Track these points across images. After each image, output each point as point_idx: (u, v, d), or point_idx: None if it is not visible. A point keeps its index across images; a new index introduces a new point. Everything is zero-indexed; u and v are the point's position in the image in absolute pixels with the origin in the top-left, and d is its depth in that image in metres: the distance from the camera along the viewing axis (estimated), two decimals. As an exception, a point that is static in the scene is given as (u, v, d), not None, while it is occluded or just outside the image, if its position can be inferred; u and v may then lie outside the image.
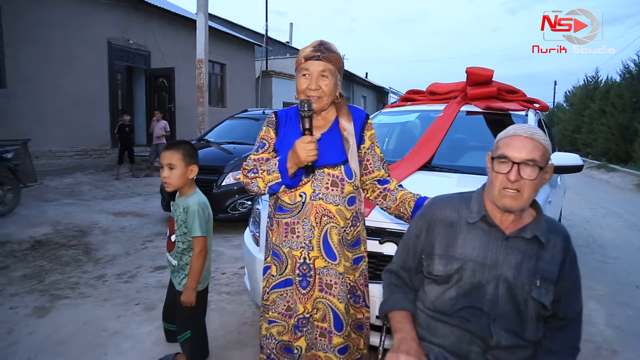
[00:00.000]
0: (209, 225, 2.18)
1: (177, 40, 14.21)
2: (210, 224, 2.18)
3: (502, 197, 1.36)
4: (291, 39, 27.52)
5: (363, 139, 1.88)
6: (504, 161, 1.35)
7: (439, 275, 1.46)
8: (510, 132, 1.39)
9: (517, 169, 1.33)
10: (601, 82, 26.49)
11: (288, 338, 1.79)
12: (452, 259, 1.44)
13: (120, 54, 12.33)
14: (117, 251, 4.79)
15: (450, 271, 1.44)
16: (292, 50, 25.07)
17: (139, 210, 7.04)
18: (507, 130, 1.41)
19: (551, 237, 1.42)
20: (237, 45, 17.94)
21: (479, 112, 3.69)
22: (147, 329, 2.98)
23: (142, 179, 10.56)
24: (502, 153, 1.36)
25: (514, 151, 1.34)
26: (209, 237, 2.17)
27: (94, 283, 3.82)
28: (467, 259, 1.42)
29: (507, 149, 1.35)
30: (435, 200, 1.59)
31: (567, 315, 1.42)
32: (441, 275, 1.45)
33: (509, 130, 1.41)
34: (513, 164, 1.33)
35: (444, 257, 1.46)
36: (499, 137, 1.43)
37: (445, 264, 1.45)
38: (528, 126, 1.40)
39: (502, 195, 1.36)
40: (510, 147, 1.35)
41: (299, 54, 1.80)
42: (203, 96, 11.07)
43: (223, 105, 17.16)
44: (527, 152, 1.33)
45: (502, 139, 1.40)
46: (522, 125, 1.41)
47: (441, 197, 1.59)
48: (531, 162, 1.32)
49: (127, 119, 10.66)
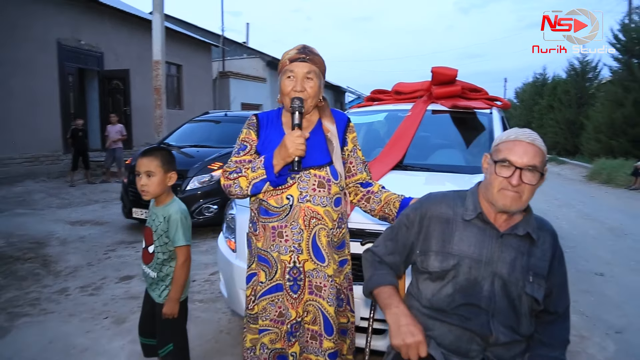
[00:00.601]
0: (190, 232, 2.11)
1: (131, 41, 13.78)
2: (191, 232, 2.11)
3: (502, 197, 1.37)
4: (248, 39, 27.21)
5: (346, 141, 1.88)
6: (506, 165, 1.36)
7: (434, 272, 1.47)
8: (512, 136, 1.40)
9: (519, 173, 1.35)
10: (549, 79, 27.71)
11: (281, 345, 1.74)
12: (449, 255, 1.45)
13: (71, 55, 11.83)
14: (78, 262, 4.58)
15: (447, 267, 1.45)
16: (249, 51, 24.79)
17: (97, 219, 6.76)
18: (509, 134, 1.42)
19: (541, 234, 1.45)
20: (193, 46, 17.58)
21: (445, 111, 3.75)
22: (120, 343, 2.86)
23: (98, 185, 10.17)
24: (504, 157, 1.37)
25: (517, 156, 1.35)
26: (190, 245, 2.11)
27: (56, 298, 3.63)
28: (464, 256, 1.44)
29: (510, 154, 1.37)
30: (430, 196, 1.59)
31: (557, 310, 1.46)
32: (437, 271, 1.46)
33: (510, 134, 1.42)
34: (515, 169, 1.35)
35: (440, 254, 1.47)
36: (499, 140, 1.44)
37: (442, 260, 1.46)
38: (529, 131, 1.42)
39: (501, 195, 1.38)
40: (513, 152, 1.36)
41: (282, 57, 1.78)
42: (160, 98, 10.76)
43: (180, 107, 16.78)
44: (529, 157, 1.35)
45: (504, 142, 1.41)
46: (523, 130, 1.43)
47: (436, 193, 1.59)
48: (532, 167, 1.35)
49: (80, 123, 10.24)
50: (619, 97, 15.56)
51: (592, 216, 7.62)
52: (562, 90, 22.60)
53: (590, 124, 17.42)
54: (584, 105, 20.92)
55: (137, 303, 3.50)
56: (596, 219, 7.00)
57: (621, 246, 5.67)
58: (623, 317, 3.44)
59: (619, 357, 2.87)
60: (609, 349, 2.94)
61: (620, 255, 5.21)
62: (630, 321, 3.39)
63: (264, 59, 23.20)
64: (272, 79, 23.66)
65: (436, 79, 3.97)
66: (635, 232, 6.47)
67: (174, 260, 2.07)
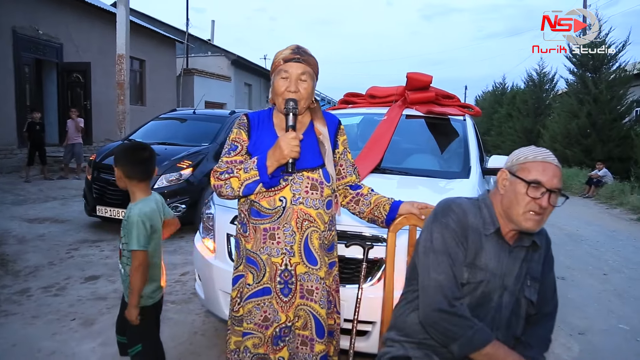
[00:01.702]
0: (155, 238, 2.03)
1: (93, 33, 13.32)
2: (156, 237, 2.04)
3: (527, 220, 1.37)
4: (213, 37, 26.79)
5: (337, 144, 1.88)
6: (537, 186, 1.36)
7: (463, 284, 1.43)
8: (540, 157, 1.39)
9: (549, 196, 1.35)
10: (508, 88, 28.68)
11: (264, 351, 1.71)
12: (477, 269, 1.44)
13: (28, 45, 11.31)
14: (39, 262, 4.38)
15: (474, 281, 1.42)
16: (214, 49, 24.43)
17: (57, 216, 6.49)
18: (535, 154, 1.41)
19: (539, 238, 1.49)
20: (157, 41, 17.19)
21: (419, 116, 3.81)
22: (90, 346, 2.75)
23: (55, 182, 9.75)
24: (536, 179, 1.36)
25: (548, 178, 1.36)
26: (154, 251, 2.04)
27: (17, 299, 3.46)
28: (487, 270, 1.44)
29: (542, 176, 1.36)
30: (457, 203, 1.50)
31: (544, 310, 1.51)
32: (465, 283, 1.43)
33: (536, 154, 1.40)
34: (546, 191, 1.35)
35: (470, 266, 1.44)
36: (524, 159, 1.41)
37: (470, 272, 1.43)
38: (550, 152, 1.42)
39: (527, 218, 1.37)
40: (545, 174, 1.36)
41: (275, 57, 1.76)
42: (124, 94, 10.47)
43: (142, 103, 16.36)
44: (558, 180, 1.37)
45: (533, 163, 1.39)
46: (545, 150, 1.42)
47: (460, 200, 1.51)
48: (558, 190, 1.37)
49: (37, 116, 9.79)
50: (574, 109, 16.25)
51: (550, 222, 7.77)
52: (520, 100, 23.43)
53: (547, 134, 18.11)
54: (541, 114, 21.76)
55: (106, 304, 3.39)
56: (554, 225, 7.27)
57: (579, 252, 5.93)
58: (585, 319, 3.60)
59: (583, 357, 2.99)
60: (574, 349, 3.06)
61: (579, 261, 5.45)
62: (591, 323, 3.55)
63: (229, 57, 22.94)
64: (237, 77, 23.40)
65: (410, 85, 4.03)
66: (591, 238, 6.78)
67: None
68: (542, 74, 22.51)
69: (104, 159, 5.87)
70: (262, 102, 27.42)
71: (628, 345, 3.24)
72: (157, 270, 2.09)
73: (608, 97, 15.31)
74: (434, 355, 1.47)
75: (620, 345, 3.24)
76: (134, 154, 2.09)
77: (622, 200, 10.30)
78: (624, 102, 15.67)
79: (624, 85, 15.56)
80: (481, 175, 3.22)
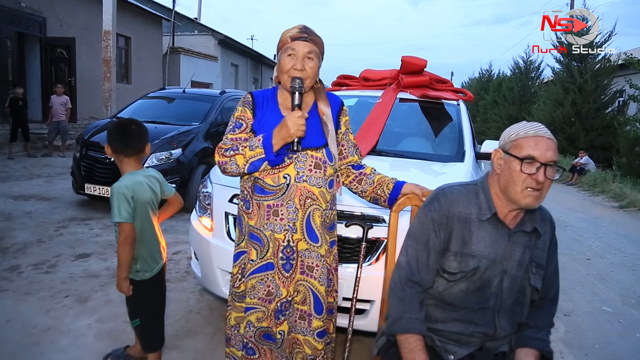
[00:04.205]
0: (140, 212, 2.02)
1: (78, 8, 13.00)
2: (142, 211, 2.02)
3: (526, 196, 1.36)
4: (200, 16, 26.33)
5: (339, 124, 1.89)
6: (531, 162, 1.35)
7: (453, 273, 1.45)
8: (531, 132, 1.38)
9: (544, 169, 1.35)
10: (494, 75, 28.82)
11: (267, 324, 1.74)
12: (469, 257, 1.44)
13: (9, 18, 11.00)
14: (27, 239, 4.33)
15: (466, 269, 1.44)
16: (201, 27, 24.01)
17: (42, 193, 6.40)
18: (526, 129, 1.40)
19: (543, 224, 1.49)
20: (143, 18, 16.83)
21: (412, 100, 3.83)
22: (85, 322, 2.74)
23: (39, 159, 9.58)
24: (529, 154, 1.35)
25: (541, 152, 1.34)
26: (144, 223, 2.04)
27: (7, 275, 3.42)
28: (482, 257, 1.44)
29: (535, 150, 1.35)
30: (445, 193, 1.52)
31: (548, 295, 1.53)
32: (456, 272, 1.45)
33: (527, 129, 1.40)
34: (541, 165, 1.34)
35: (459, 255, 1.45)
36: (516, 135, 1.41)
37: (460, 261, 1.45)
38: (542, 125, 1.41)
39: (525, 195, 1.36)
40: (537, 148, 1.35)
41: (282, 35, 1.76)
42: (110, 71, 10.32)
43: (128, 81, 16.09)
44: (552, 153, 1.36)
45: (524, 138, 1.38)
46: (536, 124, 1.41)
47: (450, 190, 1.53)
48: (554, 162, 1.36)
49: (20, 92, 9.56)
50: (559, 97, 16.44)
51: None
52: (506, 87, 23.58)
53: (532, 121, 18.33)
54: (526, 102, 21.95)
55: (99, 281, 3.38)
56: (538, 210, 7.41)
57: (563, 237, 6.05)
58: (570, 302, 3.70)
59: (568, 337, 3.10)
60: (560, 330, 3.16)
61: (563, 246, 5.56)
62: (576, 305, 3.66)
63: (216, 37, 22.61)
64: (224, 57, 23.10)
65: (405, 68, 4.04)
66: (575, 224, 6.94)
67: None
68: (529, 62, 22.66)
69: (92, 136, 5.78)
70: (249, 83, 27.16)
71: (611, 326, 3.36)
72: (149, 245, 2.09)
73: (593, 86, 15.53)
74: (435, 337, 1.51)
75: (603, 326, 3.35)
76: (120, 128, 2.09)
77: (604, 188, 10.52)
78: (607, 92, 15.90)
79: (609, 75, 15.76)
80: (475, 160, 3.26)
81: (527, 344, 1.50)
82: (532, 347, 1.49)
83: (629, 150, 12.02)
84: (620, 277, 4.53)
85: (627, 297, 3.96)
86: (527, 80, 22.72)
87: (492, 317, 1.46)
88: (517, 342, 1.51)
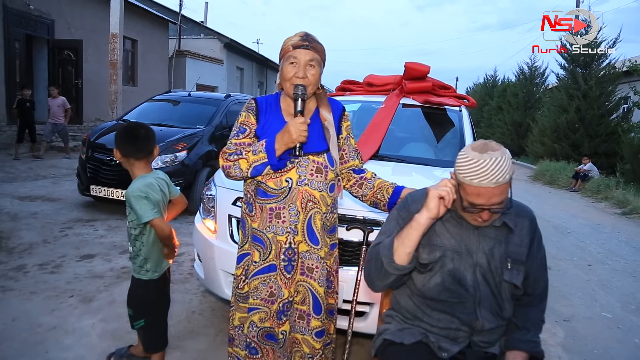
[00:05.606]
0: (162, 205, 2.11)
1: (85, 11, 13.11)
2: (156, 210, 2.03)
3: (475, 220, 1.45)
4: (206, 19, 26.49)
5: (340, 129, 1.94)
6: (475, 206, 1.39)
7: (423, 263, 1.51)
8: (475, 181, 1.33)
9: (489, 209, 1.38)
10: (499, 81, 28.82)
11: (270, 324, 1.79)
12: (434, 247, 1.51)
13: (18, 20, 11.10)
14: (33, 239, 4.39)
15: (434, 259, 1.50)
16: (207, 31, 24.18)
17: (48, 194, 6.46)
18: (471, 176, 1.33)
19: (519, 220, 1.53)
20: (150, 21, 16.95)
21: (415, 105, 3.87)
22: (90, 322, 2.79)
23: (45, 160, 9.65)
24: (472, 202, 1.37)
25: (484, 200, 1.35)
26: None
27: (13, 275, 3.48)
28: (446, 248, 1.51)
29: (478, 199, 1.36)
30: (411, 195, 1.65)
31: (534, 291, 1.57)
32: (425, 262, 1.51)
33: (472, 176, 1.33)
34: (485, 209, 1.37)
35: (427, 246, 1.51)
36: (462, 175, 1.36)
37: (429, 252, 1.51)
38: (488, 166, 1.31)
39: (474, 219, 1.44)
40: (480, 197, 1.35)
41: (284, 43, 1.80)
42: (116, 73, 10.39)
43: (134, 84, 16.18)
44: (497, 197, 1.35)
45: (468, 185, 1.36)
46: (482, 166, 1.32)
47: (415, 193, 1.66)
48: (500, 202, 1.37)
49: (27, 93, 9.64)
50: (564, 104, 16.41)
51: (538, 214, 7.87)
52: (511, 93, 23.56)
53: (536, 127, 18.27)
54: (530, 108, 21.93)
55: (103, 282, 3.43)
56: (541, 217, 7.38)
57: (565, 243, 6.08)
58: (570, 307, 3.73)
59: (567, 342, 3.11)
60: (559, 335, 3.19)
61: (565, 251, 5.60)
62: (575, 310, 3.68)
63: (222, 41, 22.73)
64: (229, 61, 23.22)
65: (408, 74, 4.08)
66: (576, 230, 6.94)
67: (144, 236, 2.08)
68: (534, 68, 22.65)
69: (98, 138, 5.84)
70: (254, 86, 27.26)
71: (610, 332, 3.37)
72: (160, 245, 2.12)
73: (597, 93, 15.48)
74: (429, 334, 1.55)
75: (602, 332, 3.37)
76: (129, 132, 2.12)
77: (607, 195, 10.50)
78: (612, 99, 15.86)
79: (613, 82, 15.73)
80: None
81: (516, 347, 1.54)
82: (522, 350, 1.53)
83: (633, 157, 11.99)
84: (620, 283, 4.54)
85: (627, 304, 3.98)
86: (532, 86, 22.69)
87: (472, 309, 1.50)
88: (506, 344, 1.56)
